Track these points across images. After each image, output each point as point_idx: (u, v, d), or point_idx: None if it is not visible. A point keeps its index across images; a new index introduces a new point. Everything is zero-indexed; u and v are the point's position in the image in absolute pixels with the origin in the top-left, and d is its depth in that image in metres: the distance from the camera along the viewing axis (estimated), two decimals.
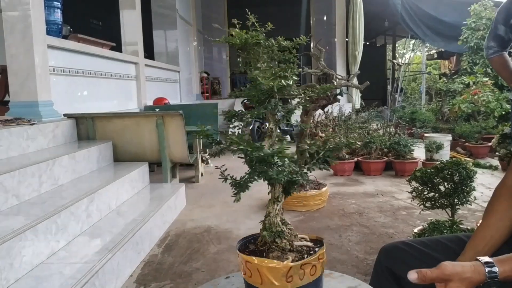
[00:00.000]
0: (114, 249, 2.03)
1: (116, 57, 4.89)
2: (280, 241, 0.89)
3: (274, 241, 0.89)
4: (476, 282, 0.80)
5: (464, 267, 0.82)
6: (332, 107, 5.41)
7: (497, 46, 2.23)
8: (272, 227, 0.90)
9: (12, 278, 1.64)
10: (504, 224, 1.02)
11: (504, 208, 1.04)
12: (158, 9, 7.44)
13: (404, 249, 1.13)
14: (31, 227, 1.79)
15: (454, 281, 0.80)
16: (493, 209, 1.06)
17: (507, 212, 1.03)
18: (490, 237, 1.01)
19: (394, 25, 11.59)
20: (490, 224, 1.04)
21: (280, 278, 0.83)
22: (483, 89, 5.71)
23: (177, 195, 3.26)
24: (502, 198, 1.06)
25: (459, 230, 2.00)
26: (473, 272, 0.81)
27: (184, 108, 3.87)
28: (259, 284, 0.84)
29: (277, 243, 0.89)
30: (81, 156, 2.84)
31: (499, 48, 2.23)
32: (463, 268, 0.81)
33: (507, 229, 1.02)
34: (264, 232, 0.90)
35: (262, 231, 0.91)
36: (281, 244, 0.89)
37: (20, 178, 2.13)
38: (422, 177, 2.05)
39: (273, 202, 0.92)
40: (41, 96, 3.14)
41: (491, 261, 0.82)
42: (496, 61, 2.28)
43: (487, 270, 0.80)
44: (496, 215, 1.04)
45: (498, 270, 0.80)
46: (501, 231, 1.02)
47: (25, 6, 3.03)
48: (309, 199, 3.23)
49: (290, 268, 0.83)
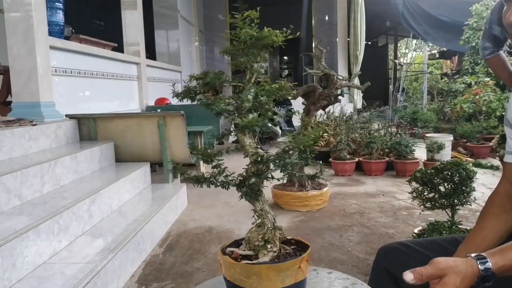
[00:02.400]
0: (116, 249, 2.05)
1: (117, 58, 4.91)
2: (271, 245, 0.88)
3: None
4: (471, 276, 0.80)
5: (457, 261, 0.83)
6: (334, 107, 5.41)
7: (493, 46, 2.21)
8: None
9: (15, 278, 1.66)
10: (497, 228, 1.05)
11: (497, 213, 1.07)
12: (160, 9, 7.46)
13: (402, 249, 1.14)
14: (34, 227, 1.80)
15: (449, 274, 0.80)
16: (486, 214, 1.09)
17: (500, 217, 1.06)
18: (482, 240, 1.03)
19: (396, 25, 11.57)
20: (482, 228, 1.06)
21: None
22: (484, 89, 5.70)
23: (178, 195, 3.28)
24: (495, 204, 1.09)
25: (458, 230, 2.00)
26: (466, 265, 0.81)
27: (186, 109, 3.87)
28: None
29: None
30: (83, 156, 2.85)
31: (495, 48, 2.21)
32: (456, 262, 0.82)
33: (499, 233, 1.04)
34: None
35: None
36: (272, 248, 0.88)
37: (22, 178, 2.15)
38: (422, 177, 2.06)
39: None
40: (43, 96, 3.15)
41: (482, 255, 0.83)
42: (493, 62, 2.26)
43: (479, 262, 0.81)
44: (489, 219, 1.07)
45: (490, 262, 0.81)
46: (493, 235, 1.04)
47: (27, 7, 3.05)
48: (310, 199, 3.25)
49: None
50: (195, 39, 8.92)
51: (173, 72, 7.36)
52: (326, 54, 3.77)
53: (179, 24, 7.57)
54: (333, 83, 3.28)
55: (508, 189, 1.09)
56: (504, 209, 1.06)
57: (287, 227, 2.87)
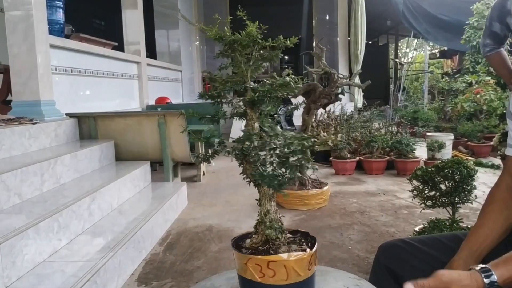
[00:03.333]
0: (116, 248, 2.04)
1: (118, 57, 4.91)
2: (281, 236, 0.91)
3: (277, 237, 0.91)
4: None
5: (461, 275, 0.81)
6: (334, 106, 5.40)
7: (494, 43, 2.21)
8: (274, 224, 0.92)
9: (14, 276, 1.66)
10: (498, 225, 1.03)
11: (498, 209, 1.06)
12: (160, 8, 7.46)
13: (403, 247, 1.13)
14: (33, 225, 1.80)
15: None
16: (488, 210, 1.08)
17: (501, 213, 1.05)
18: (484, 237, 1.02)
19: (397, 24, 11.56)
20: (484, 225, 1.04)
21: (304, 268, 0.86)
22: (485, 88, 5.69)
23: (178, 194, 3.27)
24: (496, 200, 1.08)
25: (459, 228, 2.00)
26: (470, 279, 0.79)
27: (186, 108, 3.87)
28: (284, 280, 0.86)
29: (279, 239, 0.91)
30: (83, 155, 2.85)
31: (496, 45, 2.21)
32: (460, 276, 0.80)
33: (501, 229, 1.03)
34: (268, 230, 0.91)
35: (265, 229, 0.92)
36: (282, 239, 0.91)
37: (22, 177, 2.15)
38: (422, 175, 2.05)
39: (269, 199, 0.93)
40: (43, 95, 3.15)
41: (485, 267, 0.81)
42: (493, 59, 2.26)
43: (483, 276, 0.79)
44: (490, 215, 1.05)
45: (495, 274, 0.79)
46: (495, 231, 1.02)
47: (28, 5, 3.05)
48: (311, 198, 3.24)
49: (311, 256, 0.87)
50: (196, 38, 8.92)
51: (173, 71, 7.36)
52: (327, 54, 3.76)
53: (180, 23, 7.57)
54: (333, 82, 3.27)
55: (510, 183, 1.07)
56: (506, 204, 1.05)
57: (287, 226, 2.86)
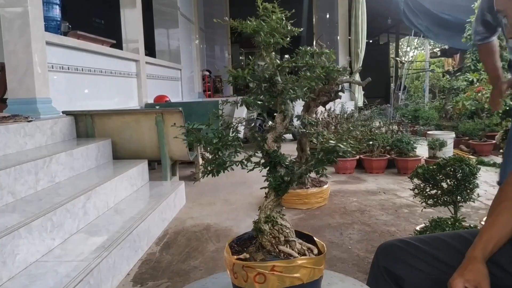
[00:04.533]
0: (111, 247, 2.00)
1: (116, 55, 4.87)
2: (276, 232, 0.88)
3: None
4: None
5: None
6: (334, 105, 5.36)
7: (486, 31, 2.13)
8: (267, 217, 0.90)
9: (5, 276, 1.62)
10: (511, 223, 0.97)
11: (511, 206, 1.00)
12: (160, 7, 7.41)
13: (402, 247, 1.08)
14: (25, 224, 1.76)
15: None
16: (500, 208, 1.02)
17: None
18: (499, 237, 0.96)
19: (397, 23, 11.50)
20: (497, 223, 0.99)
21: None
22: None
23: (176, 192, 3.23)
24: (508, 197, 1.02)
25: (462, 227, 1.95)
26: None
27: (185, 106, 3.83)
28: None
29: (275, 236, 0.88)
30: (79, 153, 2.81)
31: (487, 33, 2.13)
32: None
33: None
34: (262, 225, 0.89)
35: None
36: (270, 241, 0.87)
37: (16, 175, 2.11)
38: (424, 174, 2.01)
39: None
40: (39, 93, 3.11)
41: None
42: (483, 48, 2.18)
43: None
44: (503, 213, 1.00)
45: None
46: (508, 229, 0.97)
47: (24, 2, 3.01)
48: (310, 197, 3.20)
49: (234, 264, 0.83)
50: (196, 37, 8.88)
51: (173, 70, 7.31)
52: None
53: (179, 21, 7.53)
54: (333, 79, 3.23)
55: None
56: None
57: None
